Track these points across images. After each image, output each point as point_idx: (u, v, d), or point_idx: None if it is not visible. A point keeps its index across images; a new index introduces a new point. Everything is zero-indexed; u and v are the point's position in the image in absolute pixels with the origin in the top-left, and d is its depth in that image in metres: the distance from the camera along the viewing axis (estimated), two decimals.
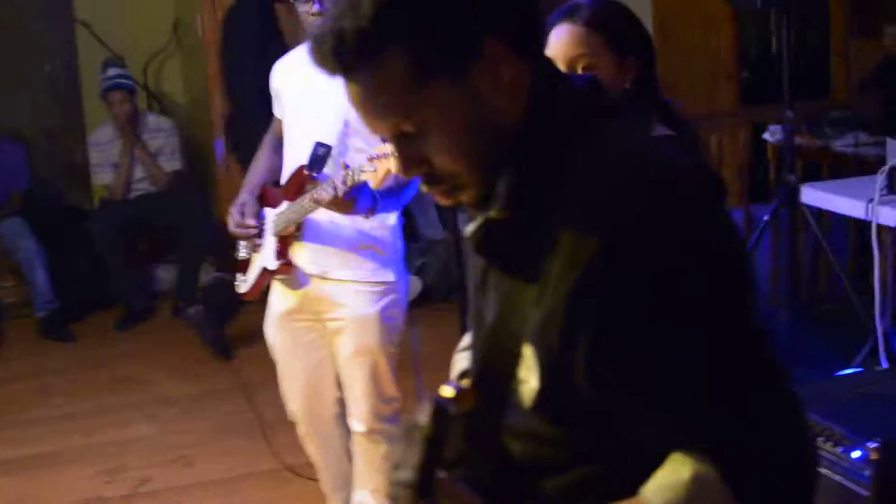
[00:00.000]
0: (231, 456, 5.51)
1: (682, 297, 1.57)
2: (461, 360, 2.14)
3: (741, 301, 1.64)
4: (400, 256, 4.02)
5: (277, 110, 4.14)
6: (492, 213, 1.70)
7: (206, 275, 8.06)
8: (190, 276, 7.79)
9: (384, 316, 3.95)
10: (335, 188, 3.55)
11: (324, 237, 3.91)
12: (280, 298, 4.09)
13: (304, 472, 4.75)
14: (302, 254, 3.96)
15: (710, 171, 2.12)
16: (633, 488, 1.64)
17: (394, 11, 1.62)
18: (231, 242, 7.98)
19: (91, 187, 8.51)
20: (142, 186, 7.92)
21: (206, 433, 5.84)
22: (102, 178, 7.95)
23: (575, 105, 1.73)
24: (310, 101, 3.90)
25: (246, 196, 4.09)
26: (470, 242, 1.77)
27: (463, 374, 2.12)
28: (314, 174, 3.79)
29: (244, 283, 4.13)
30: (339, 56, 1.66)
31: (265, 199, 4.07)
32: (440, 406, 1.59)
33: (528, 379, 1.68)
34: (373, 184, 3.46)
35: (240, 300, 4.31)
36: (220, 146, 8.08)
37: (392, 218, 3.95)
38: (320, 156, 3.70)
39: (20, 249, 7.65)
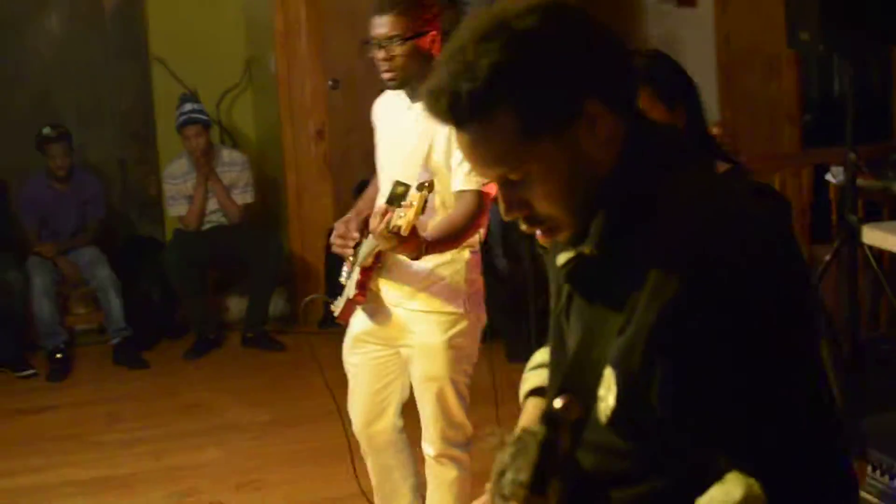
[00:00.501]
0: (301, 481, 5.66)
1: (753, 337, 1.73)
2: (531, 378, 2.28)
3: (805, 340, 1.80)
4: (476, 289, 4.17)
5: None
6: (585, 249, 1.85)
7: (275, 307, 8.26)
8: (259, 307, 7.95)
9: (451, 345, 4.10)
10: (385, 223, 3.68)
11: (399, 268, 4.09)
12: (358, 321, 4.27)
13: None
14: (381, 283, 4.14)
15: (777, 197, 2.23)
16: (695, 501, 1.78)
17: (506, 75, 1.77)
18: (301, 275, 8.24)
19: (164, 219, 8.70)
20: (214, 219, 8.09)
21: (275, 458, 5.98)
22: (176, 210, 8.12)
23: (661, 154, 1.88)
24: (394, 140, 4.12)
25: (352, 214, 4.24)
26: (561, 272, 1.92)
27: (534, 391, 2.26)
28: None
29: (337, 308, 4.29)
30: (453, 112, 1.81)
31: (368, 225, 4.18)
32: (553, 415, 1.71)
33: (606, 397, 1.83)
34: (403, 230, 3.59)
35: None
36: (291, 181, 8.28)
37: (466, 252, 4.10)
38: (399, 194, 3.82)
39: (96, 278, 7.83)
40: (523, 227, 1.91)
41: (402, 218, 3.58)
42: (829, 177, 6.52)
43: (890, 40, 6.12)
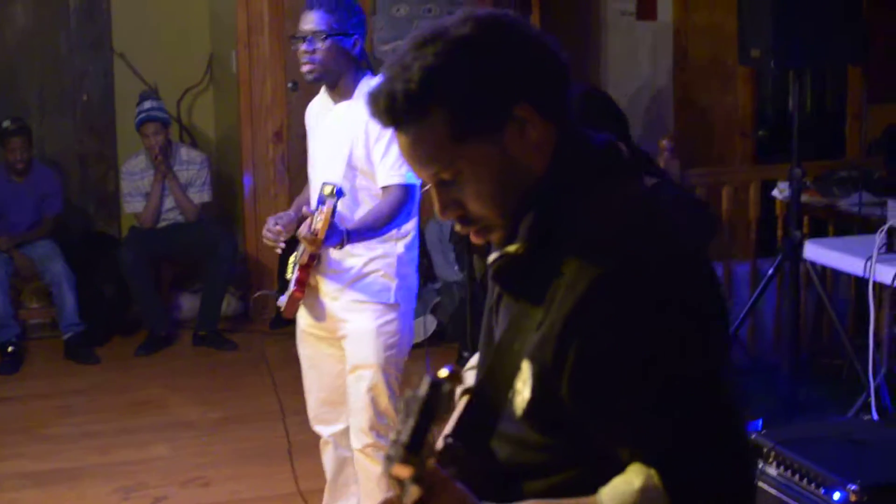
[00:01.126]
0: (245, 479, 5.70)
1: (657, 335, 1.82)
2: (468, 377, 2.37)
3: (707, 341, 1.88)
4: (407, 284, 4.33)
5: None
6: (510, 248, 1.95)
7: (228, 306, 8.31)
8: (213, 306, 7.98)
9: (380, 333, 4.26)
10: (308, 228, 3.98)
11: (333, 261, 4.25)
12: (302, 315, 4.43)
13: (318, 498, 4.86)
14: (318, 278, 4.29)
15: (702, 208, 2.31)
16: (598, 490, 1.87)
17: (438, 78, 1.88)
18: (256, 275, 8.28)
19: (121, 215, 8.73)
20: (171, 216, 8.12)
21: (222, 456, 6.02)
22: (133, 206, 8.15)
23: (592, 162, 1.97)
24: (323, 141, 4.31)
25: (289, 212, 4.38)
26: (489, 269, 2.02)
27: (467, 391, 2.35)
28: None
29: (282, 304, 4.39)
30: (390, 113, 1.92)
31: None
32: (435, 381, 1.78)
33: (522, 390, 1.92)
34: (319, 234, 3.91)
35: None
36: (248, 181, 8.33)
37: (399, 246, 4.27)
38: (327, 194, 4.02)
39: (50, 272, 7.83)
40: (458, 227, 2.01)
41: (319, 222, 3.89)
42: (775, 192, 6.63)
43: (842, 59, 6.24)
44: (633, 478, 1.83)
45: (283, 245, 4.22)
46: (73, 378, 7.44)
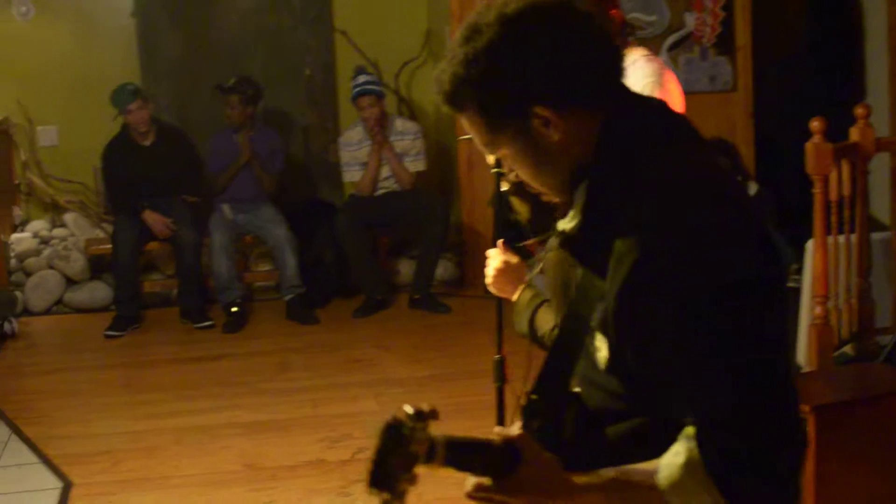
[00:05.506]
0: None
1: (705, 307, 1.86)
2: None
3: (756, 320, 1.89)
4: None
5: None
6: (566, 223, 2.06)
7: (444, 271, 8.57)
8: (426, 270, 8.27)
9: None
10: None
11: None
12: None
13: None
14: None
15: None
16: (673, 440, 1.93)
17: (465, 78, 2.01)
18: (471, 242, 8.48)
19: (343, 184, 9.08)
20: (387, 185, 8.44)
21: None
22: (351, 175, 8.49)
23: (642, 132, 2.03)
24: None
25: None
26: (556, 240, 2.12)
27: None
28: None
29: None
30: (443, 99, 2.08)
31: None
32: (393, 424, 1.86)
33: (601, 348, 2.04)
34: None
35: None
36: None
37: None
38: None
39: (273, 236, 8.26)
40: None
41: None
42: None
43: None
44: (678, 452, 1.88)
45: None
46: (293, 337, 7.83)
